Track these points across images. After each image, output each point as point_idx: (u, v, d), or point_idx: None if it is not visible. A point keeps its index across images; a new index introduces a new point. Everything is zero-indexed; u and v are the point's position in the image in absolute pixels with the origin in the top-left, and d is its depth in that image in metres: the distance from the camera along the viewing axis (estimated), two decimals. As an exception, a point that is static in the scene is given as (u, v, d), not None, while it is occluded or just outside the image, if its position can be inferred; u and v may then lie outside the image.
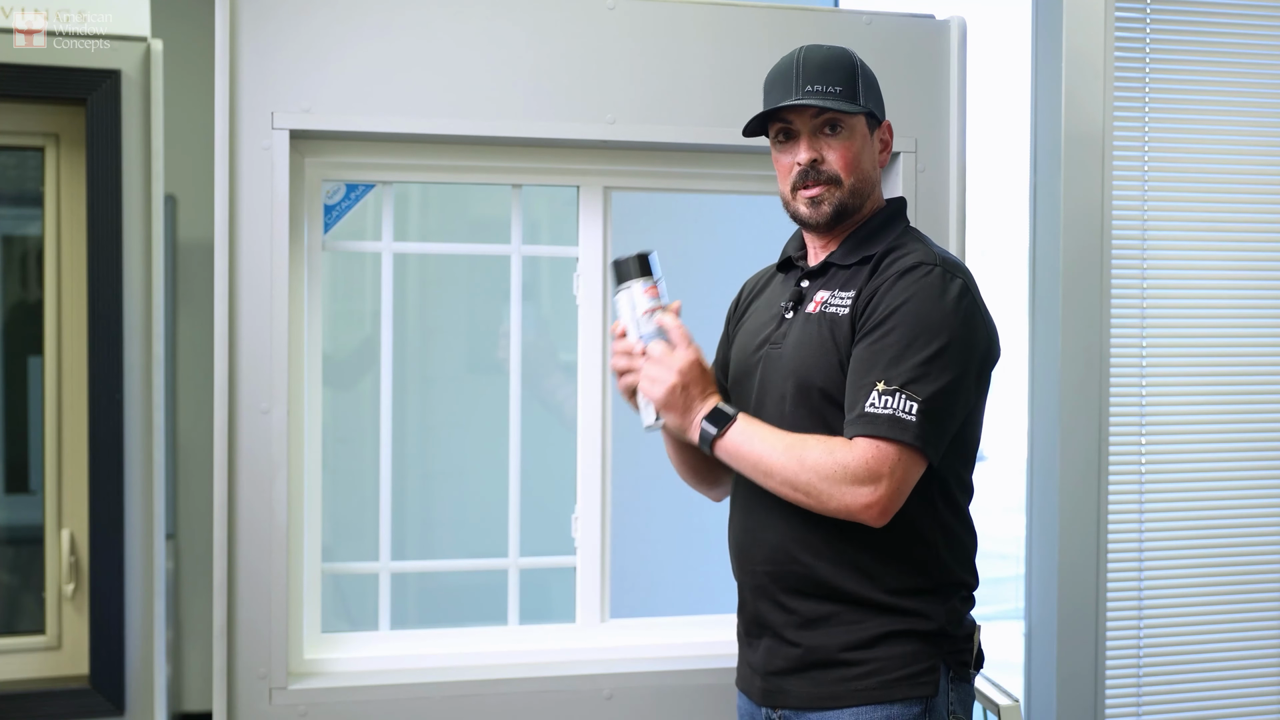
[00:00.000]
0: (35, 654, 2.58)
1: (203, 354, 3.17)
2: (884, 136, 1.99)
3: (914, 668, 1.84)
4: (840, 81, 1.91)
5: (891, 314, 1.80)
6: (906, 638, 1.84)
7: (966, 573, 1.91)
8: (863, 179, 1.94)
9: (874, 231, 1.95)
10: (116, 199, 2.49)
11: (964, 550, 1.91)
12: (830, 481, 1.76)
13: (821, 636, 1.86)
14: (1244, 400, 3.30)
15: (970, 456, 1.91)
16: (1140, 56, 3.22)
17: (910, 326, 1.79)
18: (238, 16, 2.38)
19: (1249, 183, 3.30)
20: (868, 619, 1.85)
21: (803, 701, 1.87)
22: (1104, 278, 3.16)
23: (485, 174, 2.61)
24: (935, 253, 1.88)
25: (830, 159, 1.91)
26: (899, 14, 2.67)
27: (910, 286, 1.81)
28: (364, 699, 2.43)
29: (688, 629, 2.70)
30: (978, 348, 1.84)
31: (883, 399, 1.76)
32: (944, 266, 1.84)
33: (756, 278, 2.16)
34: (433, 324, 3.67)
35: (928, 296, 1.81)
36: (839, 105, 1.89)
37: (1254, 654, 3.31)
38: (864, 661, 1.84)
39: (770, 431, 1.82)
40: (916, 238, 1.94)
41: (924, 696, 1.84)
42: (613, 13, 2.54)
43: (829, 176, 1.92)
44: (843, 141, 1.91)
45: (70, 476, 2.58)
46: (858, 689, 1.84)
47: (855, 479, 1.75)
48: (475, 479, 3.57)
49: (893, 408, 1.75)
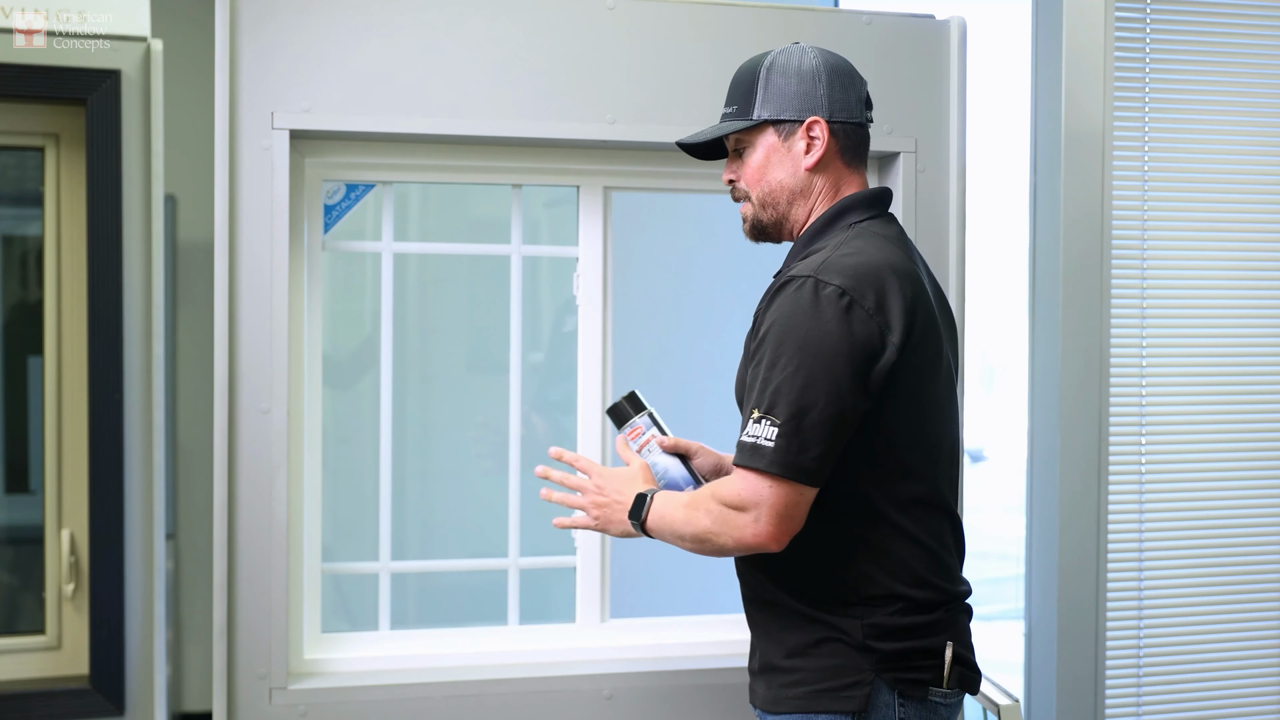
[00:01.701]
0: (35, 654, 2.58)
1: (203, 354, 3.17)
2: (810, 133, 1.88)
3: (839, 680, 1.81)
4: (737, 99, 1.93)
5: (764, 337, 1.78)
6: (836, 646, 1.82)
7: (907, 585, 1.81)
8: (773, 189, 1.91)
9: (808, 239, 1.90)
10: (116, 199, 2.49)
11: (898, 562, 1.81)
12: (719, 522, 1.78)
13: (769, 643, 1.90)
14: (1244, 400, 3.30)
15: (895, 465, 1.81)
16: (1140, 56, 3.22)
17: (773, 348, 1.76)
18: (238, 16, 2.38)
19: (1249, 183, 3.30)
20: (800, 626, 1.85)
21: (761, 703, 1.92)
22: (1104, 278, 3.16)
23: (485, 174, 2.61)
24: (823, 262, 1.78)
25: (741, 176, 1.95)
26: (899, 14, 2.67)
27: (780, 306, 1.78)
28: (364, 699, 2.43)
29: (688, 629, 2.70)
30: (847, 353, 1.72)
31: (752, 427, 1.75)
32: (818, 276, 1.75)
33: None
34: (433, 324, 3.67)
35: (793, 312, 1.75)
36: (717, 131, 1.93)
37: (1254, 654, 3.31)
38: (796, 669, 1.84)
39: (675, 497, 1.88)
40: (826, 245, 1.84)
41: (849, 711, 1.79)
42: (612, 13, 2.54)
43: (742, 194, 1.95)
44: (746, 158, 1.94)
45: (70, 476, 2.58)
46: (790, 695, 1.84)
47: (735, 510, 1.77)
48: (475, 479, 3.57)
49: (757, 435, 1.74)
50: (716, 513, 1.78)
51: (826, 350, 1.72)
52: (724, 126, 1.93)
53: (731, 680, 2.47)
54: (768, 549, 1.76)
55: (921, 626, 1.82)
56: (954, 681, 1.84)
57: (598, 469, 1.99)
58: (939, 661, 1.82)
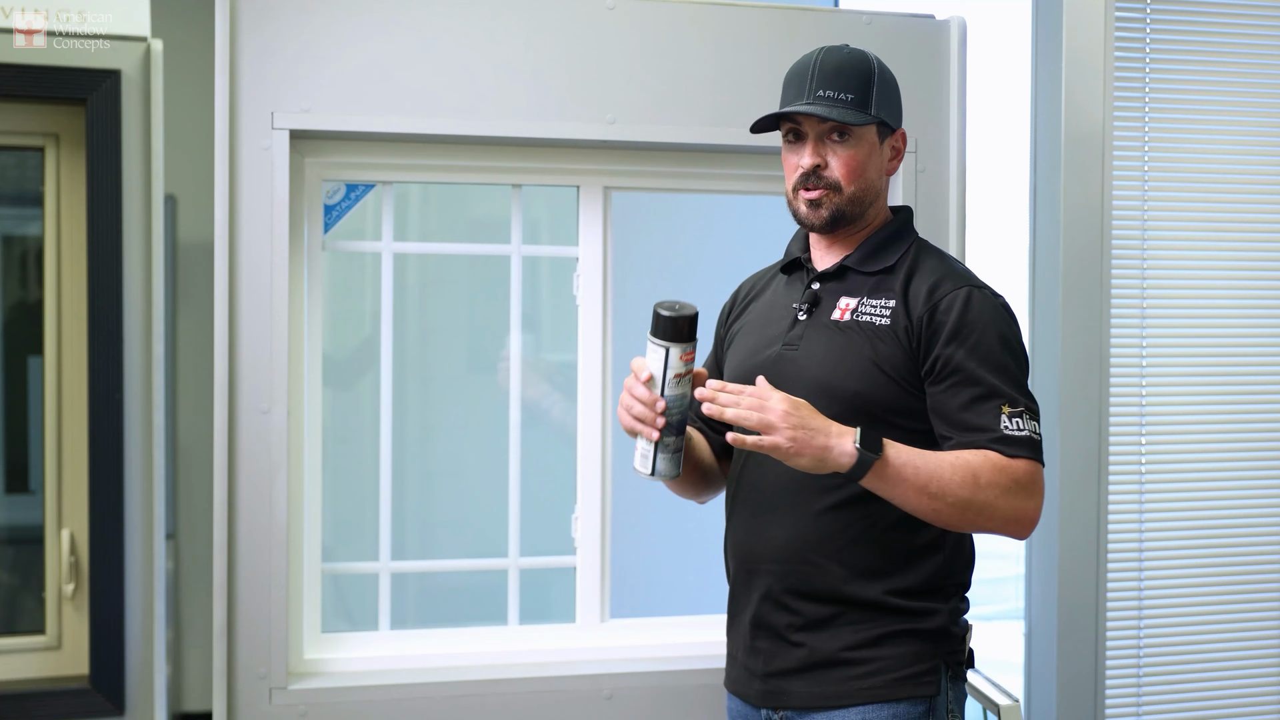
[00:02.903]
0: (35, 654, 2.58)
1: (203, 354, 3.17)
2: (896, 144, 1.98)
3: (918, 667, 1.86)
4: (853, 89, 1.90)
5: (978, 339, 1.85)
6: (910, 638, 1.86)
7: (967, 574, 1.95)
8: (865, 187, 1.94)
9: (887, 240, 1.97)
10: (116, 199, 2.49)
11: (968, 553, 1.95)
12: (1008, 495, 1.79)
13: (825, 638, 1.87)
14: (1244, 400, 3.30)
15: None
16: (1140, 56, 3.22)
17: (998, 349, 1.85)
18: (238, 16, 2.38)
19: (1249, 183, 3.29)
20: (872, 620, 1.86)
21: (805, 701, 1.88)
22: (1104, 278, 3.16)
23: (485, 174, 2.61)
24: (964, 272, 1.95)
25: (833, 165, 1.92)
26: (899, 14, 2.67)
27: (981, 309, 1.87)
28: (364, 699, 2.43)
29: (687, 629, 2.70)
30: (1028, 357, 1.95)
31: (1017, 421, 1.82)
32: (984, 288, 1.92)
33: (754, 280, 2.15)
34: (433, 324, 3.66)
35: (996, 317, 1.88)
36: (844, 116, 1.89)
37: (1254, 654, 3.31)
38: (868, 661, 1.85)
39: (921, 451, 1.80)
40: (933, 252, 1.98)
41: (928, 696, 1.86)
42: (613, 13, 2.54)
43: (829, 182, 1.92)
44: (848, 149, 1.91)
45: (70, 476, 2.58)
46: (863, 688, 1.84)
47: (1026, 493, 1.80)
48: (475, 479, 3.57)
49: (1026, 429, 1.82)
50: (1008, 487, 1.80)
51: (1024, 352, 1.91)
52: (849, 113, 1.89)
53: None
54: (1023, 535, 1.84)
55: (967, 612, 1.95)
56: (969, 662, 1.96)
57: (778, 392, 1.78)
58: (965, 645, 1.93)
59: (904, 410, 1.87)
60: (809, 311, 1.95)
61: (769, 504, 1.91)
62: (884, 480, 1.77)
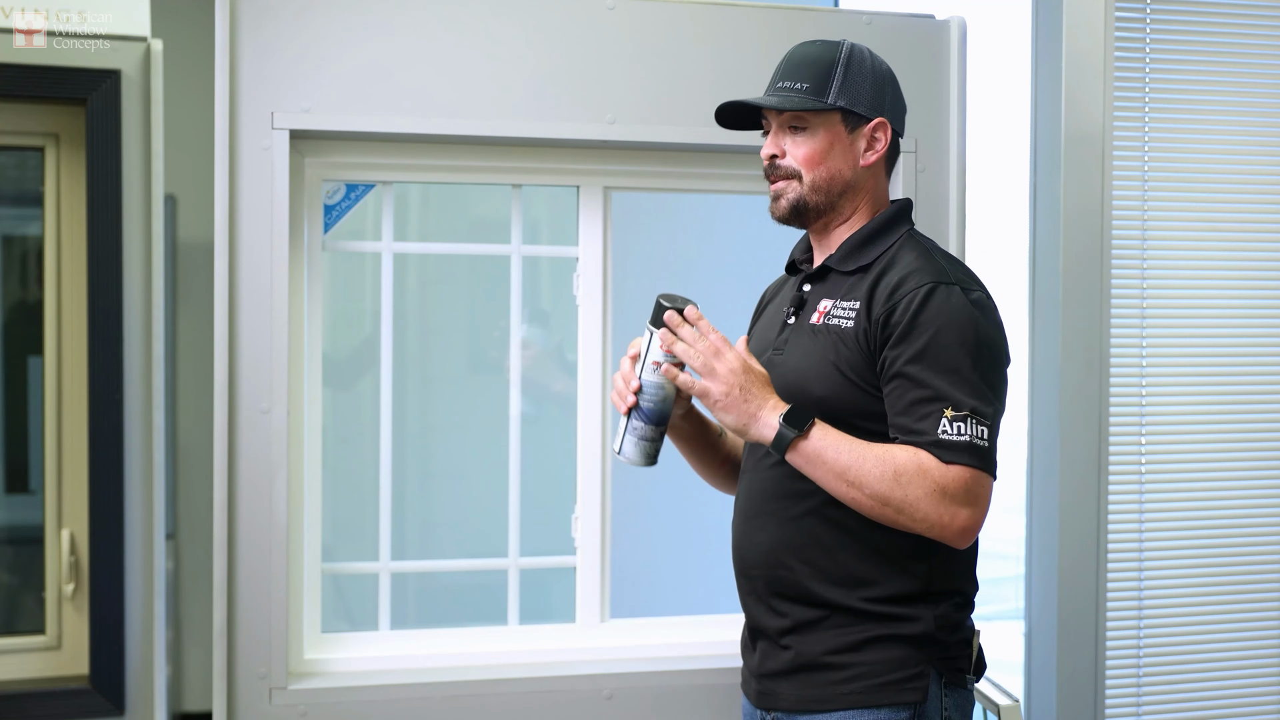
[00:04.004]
0: (35, 654, 2.58)
1: (203, 354, 3.17)
2: (875, 134, 1.92)
3: (901, 673, 1.83)
4: (809, 78, 1.89)
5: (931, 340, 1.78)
6: (893, 643, 1.83)
7: (964, 580, 1.90)
8: (830, 177, 1.91)
9: (868, 237, 1.92)
10: (116, 199, 2.49)
11: (963, 559, 1.89)
12: (931, 500, 1.74)
13: (811, 641, 1.86)
14: (1244, 400, 3.30)
15: None
16: (1140, 56, 3.22)
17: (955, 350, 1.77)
18: (238, 16, 2.38)
19: (1249, 183, 3.29)
20: (855, 624, 1.84)
21: (792, 704, 1.88)
22: (1104, 278, 3.16)
23: (485, 174, 2.61)
24: (944, 267, 1.85)
25: (790, 154, 1.91)
26: (899, 14, 2.67)
27: (938, 308, 1.79)
28: (364, 699, 2.43)
29: (688, 629, 2.70)
30: (1008, 357, 1.86)
31: (960, 425, 1.75)
32: (960, 283, 1.82)
33: (774, 284, 2.15)
34: (433, 324, 3.67)
35: (962, 317, 1.79)
36: (788, 102, 1.88)
37: (1254, 654, 3.31)
38: (850, 665, 1.84)
39: (852, 440, 1.78)
40: (916, 247, 1.90)
41: (911, 702, 1.83)
42: (613, 13, 2.54)
43: (787, 171, 1.92)
44: (805, 137, 1.90)
45: (70, 476, 2.58)
46: (844, 692, 1.84)
47: (955, 500, 1.74)
48: (475, 479, 3.57)
49: (970, 434, 1.75)
50: (933, 493, 1.73)
51: (1001, 352, 1.84)
52: (797, 100, 1.88)
53: (731, 680, 2.47)
54: (958, 544, 1.78)
55: (968, 618, 1.91)
56: (978, 669, 1.93)
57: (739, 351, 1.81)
58: (969, 651, 1.90)
59: (869, 414, 1.83)
60: (795, 315, 1.95)
61: (756, 509, 1.92)
62: (805, 460, 1.77)
